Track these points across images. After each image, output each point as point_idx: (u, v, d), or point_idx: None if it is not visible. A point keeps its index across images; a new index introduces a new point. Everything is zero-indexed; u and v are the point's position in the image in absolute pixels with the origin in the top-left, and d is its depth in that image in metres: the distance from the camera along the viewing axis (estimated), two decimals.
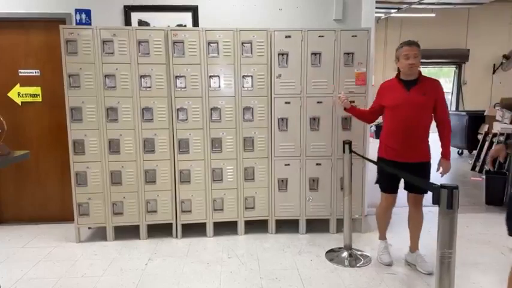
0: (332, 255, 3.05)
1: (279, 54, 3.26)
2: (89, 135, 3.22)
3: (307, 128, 3.36)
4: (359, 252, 3.06)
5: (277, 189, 3.41)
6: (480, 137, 6.12)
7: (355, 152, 2.97)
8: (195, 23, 3.59)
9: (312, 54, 3.28)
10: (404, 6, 7.74)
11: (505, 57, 9.05)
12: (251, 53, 3.24)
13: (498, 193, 4.20)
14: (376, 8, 4.22)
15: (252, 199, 3.41)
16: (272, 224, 3.46)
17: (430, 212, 3.85)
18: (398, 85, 2.69)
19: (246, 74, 3.27)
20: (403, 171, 2.41)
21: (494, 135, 5.60)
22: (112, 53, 3.16)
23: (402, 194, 2.85)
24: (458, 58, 9.74)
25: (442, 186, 1.48)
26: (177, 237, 3.39)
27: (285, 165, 3.40)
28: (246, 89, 3.28)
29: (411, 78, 2.66)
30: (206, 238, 3.39)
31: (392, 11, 8.33)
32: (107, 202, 3.30)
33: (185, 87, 3.22)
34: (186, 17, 3.62)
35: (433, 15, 8.93)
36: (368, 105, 3.41)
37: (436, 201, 1.52)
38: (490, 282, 2.65)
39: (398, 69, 2.73)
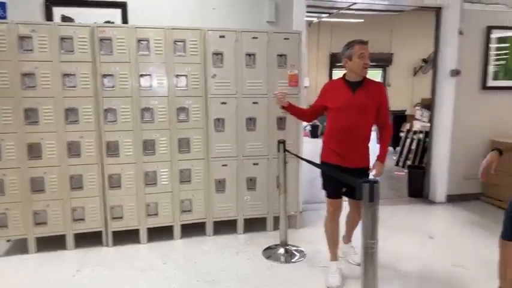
0: (269, 252, 3.10)
1: (213, 54, 3.23)
2: (5, 140, 2.93)
3: (243, 128, 3.37)
4: (294, 248, 3.14)
5: (214, 190, 3.38)
6: (402, 134, 6.62)
7: (288, 151, 3.05)
8: (124, 20, 3.43)
9: (246, 55, 3.30)
10: (335, 11, 8.13)
11: (424, 61, 9.90)
12: (184, 52, 3.18)
13: (419, 186, 4.58)
14: (308, 12, 4.38)
15: (188, 202, 3.34)
16: (210, 226, 3.42)
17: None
18: (343, 86, 2.54)
19: (179, 74, 3.19)
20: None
21: (415, 132, 6.10)
22: (31, 50, 2.91)
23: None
24: (383, 61, 10.47)
25: (364, 181, 1.57)
26: (107, 245, 3.21)
27: (223, 165, 3.38)
28: (180, 88, 3.21)
29: (357, 80, 2.53)
30: (140, 245, 3.25)
31: (324, 15, 8.71)
32: (28, 212, 3.02)
33: (114, 87, 3.06)
34: (115, 14, 3.45)
35: (362, 20, 9.50)
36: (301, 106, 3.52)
37: (359, 195, 1.60)
38: (413, 267, 2.87)
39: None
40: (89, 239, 3.20)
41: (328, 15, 8.68)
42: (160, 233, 3.32)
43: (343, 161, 2.54)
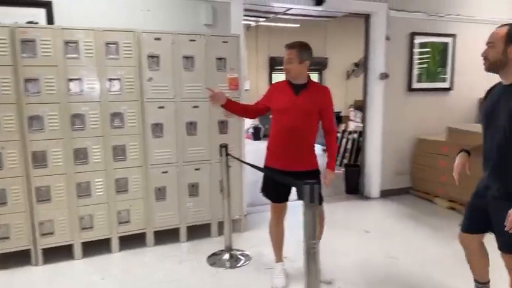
0: (214, 259, 3.05)
1: (149, 56, 3.11)
2: None
3: (184, 133, 3.29)
4: (239, 252, 3.13)
5: (154, 199, 3.25)
6: (339, 134, 6.93)
7: (230, 155, 3.03)
8: (50, 20, 3.18)
9: (184, 57, 3.23)
10: (272, 15, 8.29)
11: (356, 65, 10.47)
12: (118, 54, 3.02)
13: (355, 183, 4.81)
14: (246, 15, 4.41)
15: (126, 212, 3.17)
16: (150, 236, 3.28)
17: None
18: (287, 88, 2.49)
19: (112, 77, 3.03)
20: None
21: (350, 132, 6.42)
22: None
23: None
24: (319, 65, 10.89)
25: (305, 183, 1.60)
26: (37, 264, 2.94)
27: (162, 172, 3.27)
28: (113, 93, 3.04)
29: (300, 83, 2.47)
30: (74, 261, 3.02)
31: (261, 19, 8.84)
32: None
33: (39, 92, 2.82)
34: (39, 14, 3.18)
35: (298, 25, 9.79)
36: None
37: (300, 196, 1.62)
38: (350, 261, 2.99)
39: None
40: (15, 259, 2.90)
41: (265, 19, 8.83)
42: (96, 247, 3.12)
43: (285, 165, 2.46)
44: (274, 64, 10.54)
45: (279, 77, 11.74)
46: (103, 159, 3.04)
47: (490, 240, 2.03)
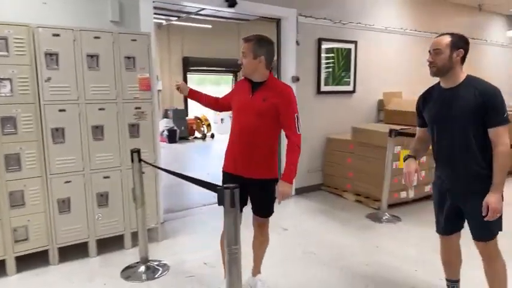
0: (129, 272, 2.85)
1: (46, 54, 2.78)
2: None
3: (89, 137, 3.02)
4: (156, 263, 2.97)
5: (57, 211, 2.92)
6: None
7: (143, 161, 2.86)
8: None
9: (88, 56, 2.96)
10: (184, 15, 8.13)
11: None
12: (7, 51, 2.65)
13: None
14: (157, 13, 4.23)
15: (23, 229, 2.80)
16: (54, 253, 2.94)
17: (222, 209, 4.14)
18: (246, 86, 2.29)
19: (2, 77, 2.64)
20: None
21: None
22: None
23: None
24: (233, 67, 10.99)
25: (225, 188, 1.56)
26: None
27: (66, 182, 2.95)
28: (3, 95, 2.65)
29: (257, 80, 2.25)
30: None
31: (173, 18, 8.61)
32: None
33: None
34: None
35: (210, 26, 9.76)
36: (155, 111, 3.36)
37: (220, 201, 1.58)
38: (271, 260, 3.04)
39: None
40: None
41: (177, 18, 8.62)
42: None
43: (239, 170, 2.27)
44: (188, 64, 10.35)
45: (194, 77, 11.56)
46: None
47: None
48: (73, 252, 3.04)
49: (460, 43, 1.97)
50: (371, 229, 3.73)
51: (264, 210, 2.40)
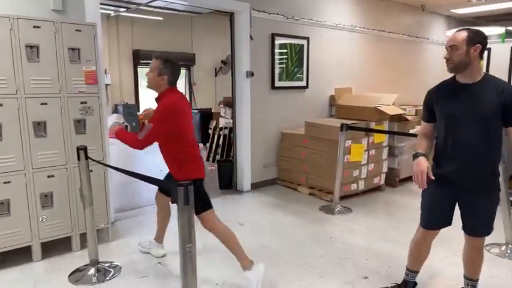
0: (77, 276, 2.70)
1: None
2: None
3: (30, 134, 2.81)
4: (107, 264, 2.84)
5: None
6: (210, 131, 6.99)
7: (91, 159, 2.71)
8: None
9: (27, 46, 2.74)
10: (133, 6, 7.81)
11: (223, 62, 10.69)
12: None
13: (228, 178, 4.91)
14: (104, 4, 4.01)
15: None
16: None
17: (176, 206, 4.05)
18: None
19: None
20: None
21: (221, 129, 6.53)
22: None
23: None
24: (186, 61, 10.75)
25: (179, 185, 1.52)
26: None
27: (4, 183, 2.73)
28: None
29: (157, 95, 2.54)
30: None
31: (121, 9, 8.25)
32: None
33: None
34: None
35: (161, 18, 9.46)
36: (103, 106, 3.20)
37: (174, 199, 1.54)
38: (227, 256, 3.03)
39: None
40: None
41: (126, 9, 8.27)
42: None
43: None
44: (138, 57, 9.98)
45: (144, 70, 11.20)
46: None
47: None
48: (13, 257, 2.82)
49: (477, 38, 1.94)
50: (324, 221, 3.83)
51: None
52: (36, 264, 2.88)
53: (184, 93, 2.99)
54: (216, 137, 6.68)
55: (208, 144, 7.05)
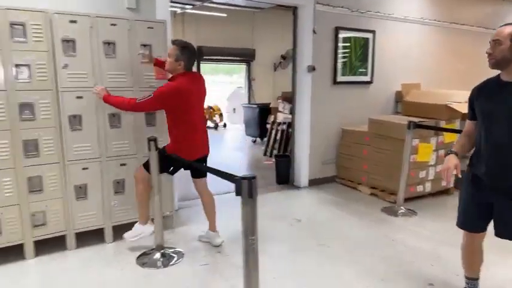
0: (144, 258, 2.88)
1: (63, 40, 2.79)
2: None
3: (106, 125, 3.03)
4: (171, 250, 2.99)
5: (74, 197, 2.96)
6: (268, 126, 7.03)
7: (160, 149, 2.86)
8: None
9: (104, 43, 2.96)
10: (198, 3, 8.05)
11: (283, 57, 10.68)
12: (25, 37, 2.66)
13: (285, 173, 4.91)
14: (172, 1, 4.19)
15: (41, 214, 2.84)
16: (71, 238, 2.99)
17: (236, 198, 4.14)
18: None
19: (20, 63, 2.66)
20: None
21: (279, 124, 6.53)
22: None
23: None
24: (247, 56, 10.89)
25: (243, 178, 1.54)
26: None
27: (83, 169, 2.98)
28: (21, 81, 2.67)
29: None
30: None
31: (188, 6, 8.55)
32: None
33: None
34: None
35: (225, 15, 9.66)
36: None
37: (238, 192, 1.57)
38: (285, 251, 3.04)
39: None
40: None
41: (192, 6, 8.55)
42: (6, 254, 2.75)
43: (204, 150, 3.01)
44: (202, 53, 10.30)
45: (207, 66, 11.53)
46: (11, 155, 2.67)
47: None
48: (89, 238, 3.08)
49: None
50: (386, 223, 3.68)
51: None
52: (108, 245, 3.11)
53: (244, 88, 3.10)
54: (273, 131, 6.71)
55: (265, 139, 7.10)
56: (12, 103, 2.65)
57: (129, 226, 3.22)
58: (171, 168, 2.99)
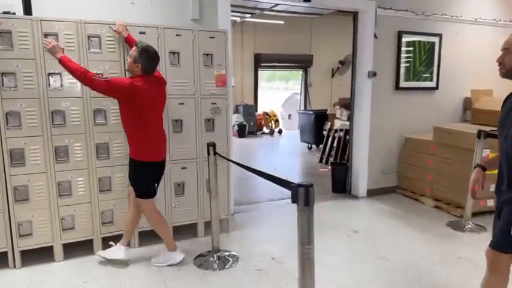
0: (201, 260, 2.97)
1: None
2: None
3: (169, 130, 3.19)
4: (227, 253, 3.05)
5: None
6: (325, 132, 6.93)
7: (219, 154, 2.95)
8: (27, 11, 3.01)
9: (170, 53, 3.12)
10: (257, 11, 8.21)
11: (341, 62, 10.50)
12: (100, 48, 2.89)
13: (342, 182, 4.79)
14: (232, 11, 4.32)
15: (109, 212, 3.06)
16: (135, 237, 3.17)
17: (289, 205, 4.12)
18: None
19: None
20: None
21: (336, 131, 6.41)
22: None
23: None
24: (304, 63, 10.87)
25: (299, 185, 1.53)
26: (15, 267, 2.80)
27: (182, 168, 3.22)
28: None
29: None
30: (54, 263, 2.89)
31: (247, 15, 8.75)
32: None
33: (16, 87, 2.67)
34: (14, 3, 3.01)
35: (282, 22, 9.74)
36: (229, 107, 3.45)
37: (294, 199, 1.56)
38: (340, 262, 2.96)
39: None
40: None
41: (251, 15, 8.74)
42: (77, 248, 2.99)
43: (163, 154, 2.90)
44: (259, 60, 10.46)
45: (264, 73, 11.69)
46: (85, 157, 2.92)
47: None
48: (150, 237, 3.24)
49: None
50: (452, 238, 3.44)
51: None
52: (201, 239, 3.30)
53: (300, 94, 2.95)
54: (330, 138, 6.59)
55: (321, 146, 7.00)
56: (87, 109, 2.89)
57: (188, 228, 3.35)
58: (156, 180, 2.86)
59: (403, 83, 4.64)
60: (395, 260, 3.00)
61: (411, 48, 4.66)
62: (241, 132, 9.72)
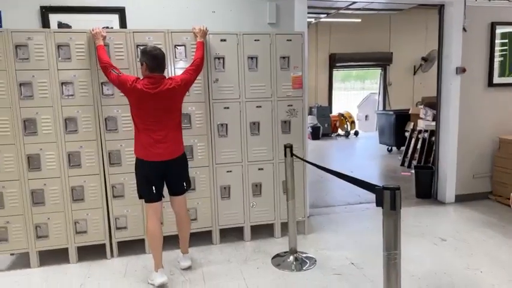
0: (278, 260, 3.01)
1: (215, 58, 3.15)
2: (3, 151, 2.85)
3: (247, 133, 3.29)
4: (304, 255, 3.05)
5: (220, 197, 3.29)
6: (407, 134, 6.55)
7: (296, 156, 2.96)
8: (123, 25, 3.35)
9: (248, 58, 3.22)
10: (333, 11, 8.07)
11: (424, 59, 9.84)
12: (185, 56, 3.10)
13: (427, 186, 4.49)
14: (308, 12, 4.31)
15: (194, 210, 3.25)
16: (216, 234, 3.33)
17: (368, 209, 4.01)
18: None
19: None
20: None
21: (419, 132, 6.02)
22: (27, 59, 2.83)
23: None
24: (383, 61, 10.39)
25: (385, 188, 1.48)
26: (112, 256, 3.12)
27: (227, 172, 3.30)
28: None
29: None
30: (145, 255, 3.15)
31: (322, 16, 8.64)
32: (29, 225, 2.94)
33: (113, 94, 2.98)
34: (113, 19, 3.37)
35: (359, 20, 9.44)
36: (305, 109, 3.45)
37: (379, 203, 1.51)
38: (426, 271, 2.78)
39: None
40: (92, 251, 3.11)
41: (326, 15, 8.62)
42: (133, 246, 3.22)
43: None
44: (334, 60, 10.26)
45: (339, 74, 11.43)
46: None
47: None
48: (229, 235, 3.38)
49: None
50: None
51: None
52: (247, 243, 3.35)
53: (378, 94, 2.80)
54: (413, 140, 6.21)
55: (402, 148, 6.63)
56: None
57: (264, 228, 3.42)
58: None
59: (497, 79, 4.21)
60: (490, 273, 2.73)
61: (506, 41, 4.21)
62: (315, 134, 9.61)
